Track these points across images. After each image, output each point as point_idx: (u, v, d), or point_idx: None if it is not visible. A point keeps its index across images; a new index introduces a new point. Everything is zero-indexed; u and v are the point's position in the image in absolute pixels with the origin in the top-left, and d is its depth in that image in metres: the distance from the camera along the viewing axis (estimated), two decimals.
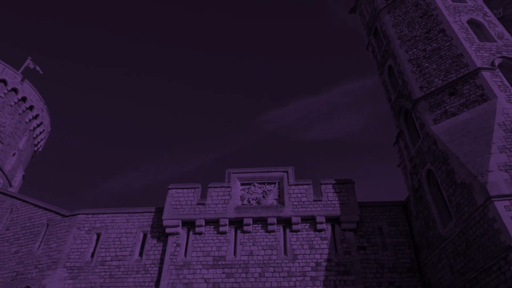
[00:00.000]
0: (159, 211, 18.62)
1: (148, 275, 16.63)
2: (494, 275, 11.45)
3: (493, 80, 14.69)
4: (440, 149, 14.52)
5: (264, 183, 19.02)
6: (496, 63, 15.44)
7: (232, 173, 19.29)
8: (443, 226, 14.31)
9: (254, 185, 18.97)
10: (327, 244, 16.97)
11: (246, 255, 16.76)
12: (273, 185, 18.96)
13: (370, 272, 16.19)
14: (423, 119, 15.99)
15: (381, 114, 69.97)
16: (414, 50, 18.04)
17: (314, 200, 18.01)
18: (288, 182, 18.72)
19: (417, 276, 15.97)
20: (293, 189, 18.45)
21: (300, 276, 16.03)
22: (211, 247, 17.13)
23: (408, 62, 17.91)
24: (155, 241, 17.79)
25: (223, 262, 16.58)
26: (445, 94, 15.69)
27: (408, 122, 17.95)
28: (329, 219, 17.53)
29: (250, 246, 17.06)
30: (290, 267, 16.30)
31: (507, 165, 12.22)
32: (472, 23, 17.72)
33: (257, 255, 16.72)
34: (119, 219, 18.59)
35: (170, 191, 18.89)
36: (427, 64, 17.09)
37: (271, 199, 18.43)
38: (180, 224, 17.73)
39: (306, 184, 18.53)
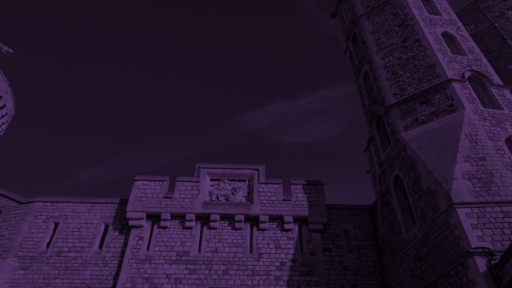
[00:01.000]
0: (123, 203, 17.93)
1: (107, 268, 15.92)
2: (452, 280, 11.71)
3: (462, 91, 15.13)
4: (409, 155, 14.79)
5: (234, 180, 18.74)
6: (466, 76, 15.94)
7: (202, 167, 18.89)
8: (407, 231, 14.56)
9: (224, 181, 18.65)
10: (293, 244, 16.90)
11: (210, 252, 16.41)
12: (243, 183, 18.72)
13: (334, 273, 16.27)
14: (394, 125, 16.26)
15: (355, 122, 71.41)
16: (390, 57, 18.36)
17: (283, 200, 17.92)
18: (258, 180, 18.54)
19: (379, 279, 16.19)
20: (263, 188, 18.29)
21: (264, 275, 15.86)
22: (175, 242, 16.65)
23: (384, 69, 18.21)
24: (117, 233, 17.09)
25: (187, 258, 16.14)
26: (417, 102, 16.03)
27: (380, 127, 18.23)
28: (297, 219, 17.49)
29: (215, 242, 16.72)
30: (254, 265, 16.09)
31: (471, 174, 12.57)
32: (446, 36, 18.25)
33: (222, 252, 16.41)
34: (80, 208, 17.74)
35: (137, 183, 18.24)
36: (401, 72, 17.43)
37: (240, 197, 18.18)
38: (145, 217, 17.14)
39: (276, 183, 18.42)
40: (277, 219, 17.48)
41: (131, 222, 16.96)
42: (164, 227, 17.05)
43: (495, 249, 10.86)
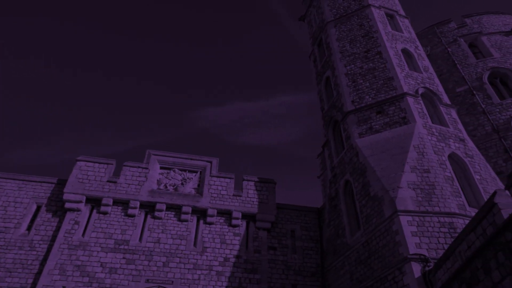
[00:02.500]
0: (61, 183, 16.57)
1: (34, 252, 14.56)
2: (388, 284, 12.11)
3: (415, 106, 15.84)
4: (361, 161, 15.17)
5: (185, 170, 18.11)
6: (420, 92, 16.73)
7: (153, 154, 18.03)
8: (351, 235, 14.91)
9: (174, 171, 17.94)
10: (239, 240, 16.65)
11: (152, 242, 15.65)
12: (194, 174, 18.15)
13: (277, 272, 16.25)
14: (350, 132, 16.63)
15: (311, 131, 73.08)
16: (352, 66, 18.81)
17: (233, 195, 17.62)
18: (210, 173, 18.08)
19: (320, 281, 16.44)
20: (214, 181, 17.85)
21: (206, 269, 15.43)
22: (115, 229, 15.67)
23: (345, 76, 18.61)
24: (50, 215, 15.73)
25: (126, 247, 15.25)
26: (373, 111, 16.53)
27: (335, 132, 18.59)
28: (245, 216, 17.27)
29: (158, 233, 15.99)
30: (197, 259, 15.61)
31: (415, 184, 13.12)
32: (405, 52, 19.08)
33: (165, 244, 15.72)
34: (10, 185, 16.09)
35: (79, 163, 16.95)
36: (361, 81, 17.90)
37: (189, 188, 17.58)
38: (84, 200, 15.95)
39: (229, 178, 18.08)
40: (226, 214, 17.13)
41: (67, 205, 15.69)
42: (105, 213, 15.99)
43: (430, 256, 11.38)
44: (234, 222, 16.95)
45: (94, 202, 16.16)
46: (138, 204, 16.28)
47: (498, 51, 23.61)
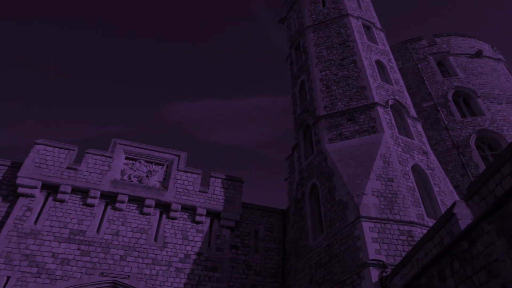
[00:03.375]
0: (16, 167, 15.54)
1: None
2: (347, 287, 12.34)
3: (384, 116, 16.29)
4: (329, 166, 15.38)
5: (151, 163, 17.57)
6: (389, 103, 17.24)
7: (119, 143, 17.36)
8: (314, 238, 15.05)
9: (140, 162, 17.36)
10: (201, 237, 16.36)
11: (110, 234, 15.02)
12: (161, 167, 17.66)
13: (237, 272, 16.11)
14: (320, 136, 16.83)
15: (281, 134, 73.68)
16: (328, 72, 19.08)
17: (199, 191, 17.30)
18: (177, 167, 17.66)
19: (279, 282, 16.48)
20: (181, 175, 17.46)
21: (165, 265, 15.02)
22: (72, 218, 14.90)
23: (320, 81, 18.84)
24: None
25: (81, 238, 14.53)
26: (344, 118, 16.83)
27: (306, 136, 18.76)
28: (210, 213, 17.01)
29: (118, 225, 15.38)
30: (157, 254, 15.15)
31: (379, 191, 13.46)
32: (379, 63, 19.62)
33: (124, 236, 15.14)
34: None
35: (37, 147, 15.98)
36: (335, 88, 18.19)
37: (154, 181, 17.08)
38: (39, 186, 15.05)
39: (196, 173, 17.74)
40: (190, 210, 16.79)
41: (20, 190, 14.74)
42: (62, 201, 15.17)
43: (388, 262, 11.69)
44: (198, 218, 16.64)
45: (51, 189, 15.29)
46: (98, 193, 15.58)
47: (463, 72, 24.86)
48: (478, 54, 25.92)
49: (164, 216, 16.33)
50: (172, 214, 16.34)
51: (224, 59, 76.15)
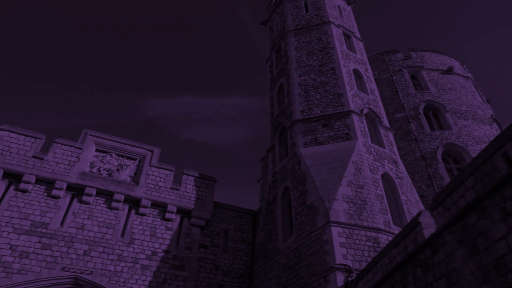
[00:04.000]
0: None
1: None
2: None
3: (358, 124, 16.68)
4: (302, 170, 15.56)
5: (123, 156, 17.14)
6: (364, 112, 17.67)
7: (90, 135, 16.81)
8: (283, 241, 15.17)
9: (111, 155, 16.89)
10: (170, 235, 16.11)
11: (75, 228, 14.51)
12: (132, 161, 17.25)
13: (205, 271, 15.97)
14: (295, 140, 17.00)
15: (257, 136, 73.85)
16: (306, 77, 19.32)
17: (171, 188, 17.04)
18: (150, 162, 17.32)
19: (246, 283, 16.48)
20: (153, 171, 17.13)
21: (131, 262, 14.67)
22: (34, 210, 14.27)
23: (298, 86, 19.04)
24: None
25: (43, 230, 13.94)
26: (320, 124, 17.09)
27: (281, 139, 18.90)
28: (180, 211, 16.79)
29: (84, 219, 14.88)
30: (123, 250, 14.78)
31: (349, 197, 13.76)
32: (356, 72, 20.08)
33: (89, 231, 14.66)
34: None
35: (1, 133, 15.22)
36: (313, 93, 18.45)
37: (125, 175, 16.66)
38: (1, 174, 14.32)
39: (169, 170, 17.46)
40: (160, 207, 16.50)
41: None
42: (24, 191, 14.50)
43: (354, 267, 11.96)
44: (168, 215, 16.38)
45: (14, 178, 14.58)
46: (65, 185, 15.02)
47: (434, 87, 25.88)
48: (449, 71, 27.07)
49: (133, 211, 15.96)
50: (141, 210, 15.99)
51: (204, 56, 75.52)
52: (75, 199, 15.17)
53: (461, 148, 21.82)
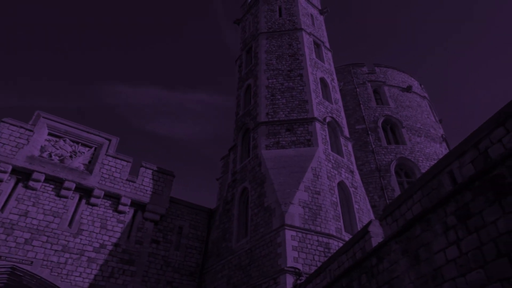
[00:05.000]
0: None
1: None
2: None
3: (320, 132, 17.09)
4: (262, 172, 15.68)
5: (78, 143, 16.34)
6: (327, 120, 18.15)
7: (43, 117, 15.86)
8: (237, 241, 15.20)
9: (65, 141, 16.04)
10: (121, 228, 15.58)
11: (17, 215, 13.61)
12: (88, 149, 16.50)
13: (154, 267, 15.61)
14: (258, 142, 17.10)
15: (220, 135, 73.45)
16: (274, 80, 19.52)
17: (127, 180, 16.50)
18: (107, 151, 16.65)
19: (196, 281, 16.31)
20: (109, 161, 16.49)
21: (77, 254, 14.01)
22: None
23: (266, 88, 19.19)
24: None
25: None
26: (283, 128, 17.32)
27: (244, 139, 18.93)
28: (135, 204, 16.30)
29: (28, 205, 13.99)
30: (69, 241, 14.07)
31: (306, 202, 14.07)
32: (322, 81, 20.58)
33: (33, 218, 13.81)
34: None
35: None
36: (279, 97, 18.66)
37: (78, 162, 15.89)
38: None
39: (126, 161, 16.89)
40: (113, 198, 15.91)
41: None
42: None
43: (304, 271, 12.23)
44: (121, 208, 15.83)
45: None
46: (9, 168, 14.04)
47: (394, 102, 27.15)
48: (408, 89, 28.53)
49: (83, 201, 15.26)
50: (93, 200, 15.34)
51: (174, 49, 73.93)
52: (20, 184, 14.25)
53: (413, 163, 23.05)
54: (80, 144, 16.38)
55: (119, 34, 69.44)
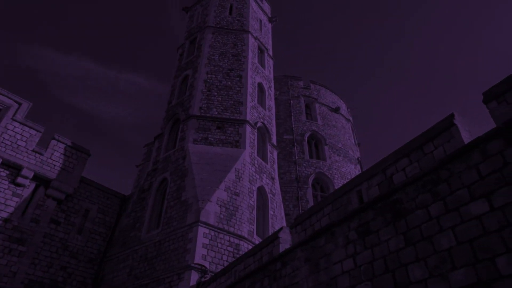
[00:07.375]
0: None
1: None
2: (163, 286, 12.33)
3: (250, 135, 17.37)
4: (185, 165, 15.38)
5: None
6: (258, 125, 18.53)
7: None
8: (147, 231, 14.66)
9: None
10: (17, 202, 13.96)
11: None
12: None
13: (49, 250, 14.25)
14: (186, 134, 16.76)
15: (148, 122, 70.37)
16: (213, 76, 19.36)
17: (33, 151, 14.87)
18: (14, 116, 14.83)
19: (94, 269, 15.28)
20: (15, 127, 14.72)
21: None
22: None
23: (203, 82, 18.93)
24: None
25: None
26: (214, 125, 17.24)
27: (173, 129, 18.41)
28: (38, 178, 14.74)
29: None
30: None
31: (223, 202, 14.13)
32: (260, 86, 20.99)
33: None
34: None
35: None
36: (215, 93, 18.55)
37: None
38: None
39: (36, 130, 15.23)
40: (13, 168, 14.19)
41: None
42: None
43: (211, 269, 12.25)
44: (20, 180, 14.18)
45: None
46: None
47: (322, 120, 28.79)
48: (336, 110, 30.50)
49: None
50: None
51: (117, 25, 69.10)
52: None
53: (329, 179, 24.64)
54: None
55: None
